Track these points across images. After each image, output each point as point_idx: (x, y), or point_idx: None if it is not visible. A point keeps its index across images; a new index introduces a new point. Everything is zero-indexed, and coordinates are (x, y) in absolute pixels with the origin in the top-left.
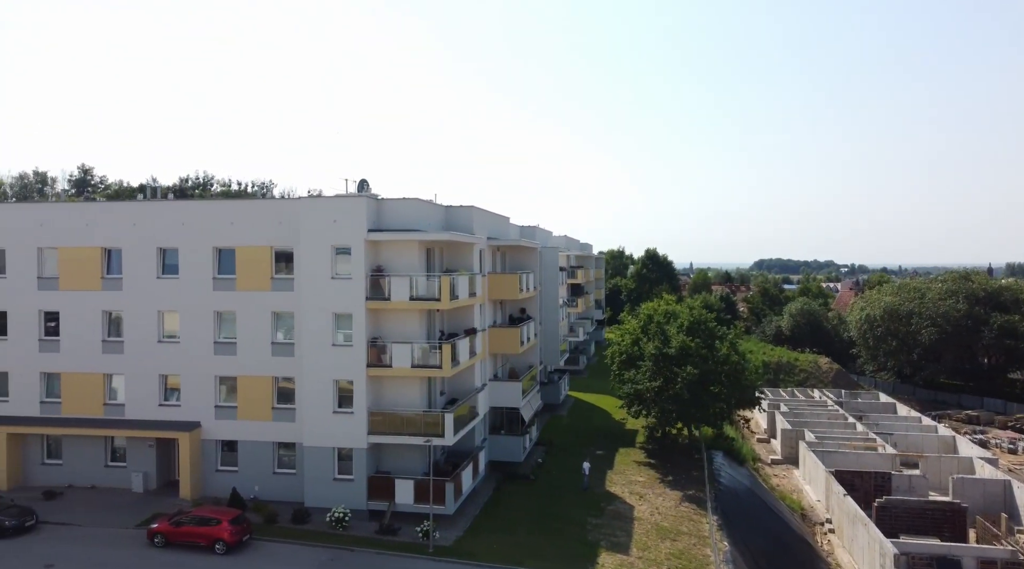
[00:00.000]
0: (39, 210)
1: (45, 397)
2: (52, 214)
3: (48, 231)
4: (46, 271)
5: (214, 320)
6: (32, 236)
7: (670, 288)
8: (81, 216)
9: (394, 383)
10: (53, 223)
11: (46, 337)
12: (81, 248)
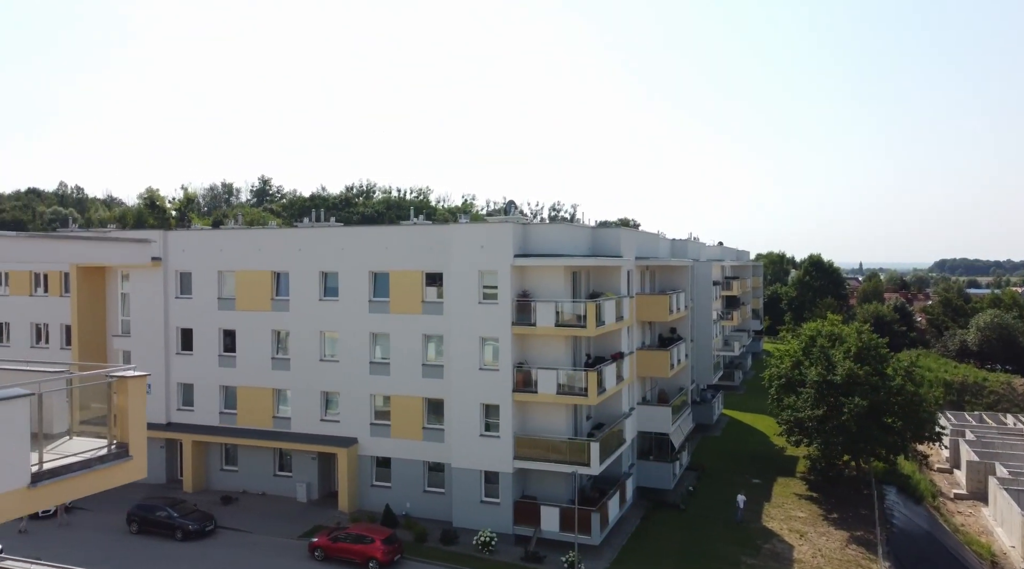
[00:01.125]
0: (219, 237)
1: (224, 408)
2: (230, 240)
3: (227, 256)
4: (225, 292)
5: (369, 341)
6: (214, 260)
7: (835, 298)
8: (254, 242)
9: (539, 408)
10: (231, 248)
11: (224, 353)
12: (254, 271)
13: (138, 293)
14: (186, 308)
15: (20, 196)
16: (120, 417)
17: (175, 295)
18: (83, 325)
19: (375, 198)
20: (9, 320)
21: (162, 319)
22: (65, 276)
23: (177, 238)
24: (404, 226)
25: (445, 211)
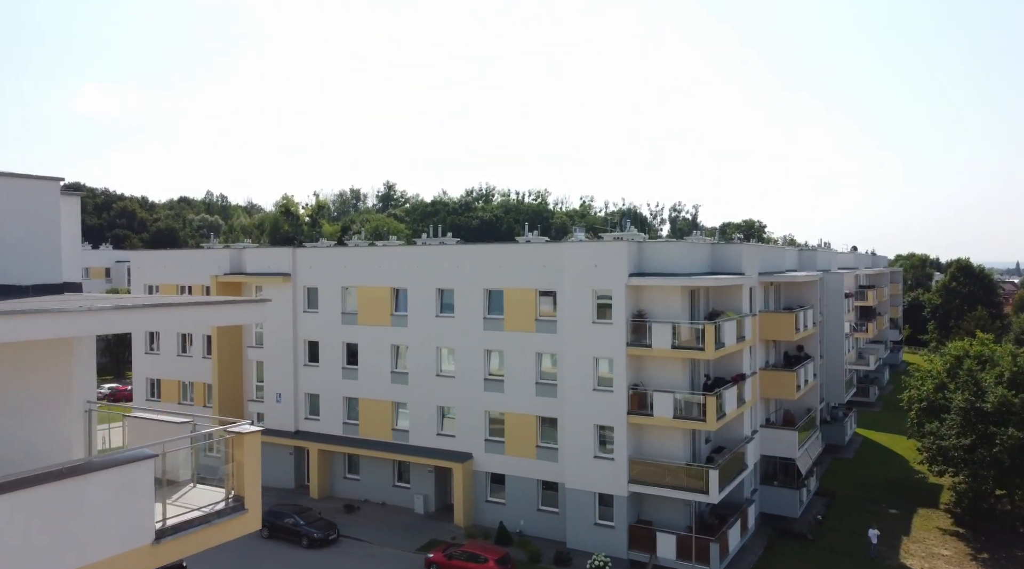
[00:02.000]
0: (343, 254)
1: (347, 419)
2: (353, 258)
3: (350, 272)
4: (348, 307)
5: (484, 358)
6: (338, 277)
7: (987, 306)
8: (375, 259)
9: (655, 431)
10: (354, 265)
11: (348, 366)
12: (375, 287)
13: (270, 307)
14: (313, 322)
15: (173, 205)
16: (237, 471)
17: (303, 309)
18: (221, 336)
19: (494, 202)
20: (159, 331)
21: (291, 332)
22: (207, 289)
23: (305, 255)
24: (518, 245)
25: (563, 215)
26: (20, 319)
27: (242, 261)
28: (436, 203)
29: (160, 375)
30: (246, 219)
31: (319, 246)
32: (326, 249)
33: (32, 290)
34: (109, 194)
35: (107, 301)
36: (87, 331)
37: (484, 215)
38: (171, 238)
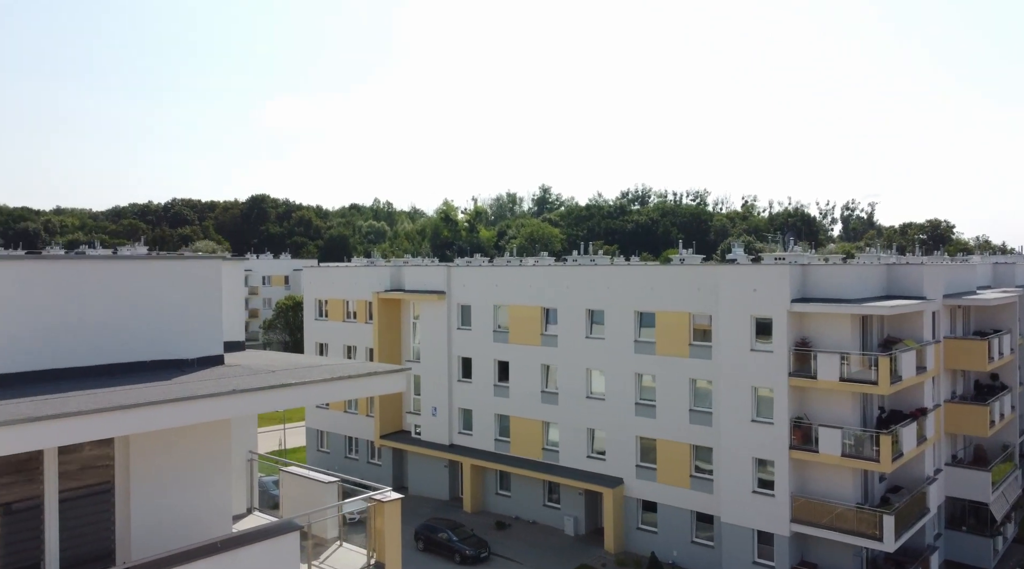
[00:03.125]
0: (494, 273)
1: (498, 435)
2: (504, 277)
3: (501, 291)
4: (499, 325)
5: (635, 382)
6: (490, 295)
7: None
8: (525, 278)
9: (822, 469)
10: (505, 284)
11: (499, 383)
12: (525, 306)
13: (426, 323)
14: (466, 338)
15: (344, 212)
16: (378, 537)
17: (456, 326)
18: (383, 349)
19: (650, 204)
20: (328, 341)
21: (446, 347)
22: (369, 304)
23: (458, 274)
24: (671, 266)
25: (723, 217)
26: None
27: (401, 278)
28: (591, 207)
29: None
30: (409, 225)
31: (472, 265)
32: (479, 268)
33: (197, 363)
34: (290, 204)
35: (257, 380)
36: (237, 412)
37: (639, 219)
38: (342, 245)
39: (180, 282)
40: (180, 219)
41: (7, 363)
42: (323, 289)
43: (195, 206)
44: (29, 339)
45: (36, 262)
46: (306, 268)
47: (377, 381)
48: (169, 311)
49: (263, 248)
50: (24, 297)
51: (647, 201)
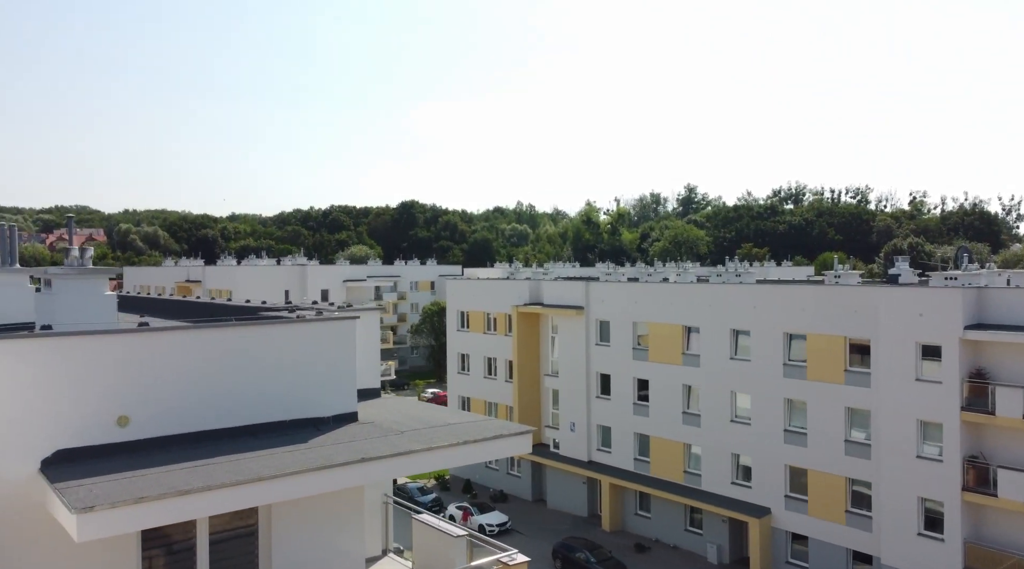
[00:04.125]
0: (634, 290)
1: (638, 455)
2: (643, 293)
3: (641, 308)
4: (638, 342)
5: (784, 407)
6: (629, 311)
7: None
8: (665, 296)
9: (1001, 515)
10: (645, 301)
11: (638, 401)
12: (666, 324)
13: (564, 337)
14: (604, 354)
15: (488, 215)
16: None
17: (595, 342)
18: (522, 362)
19: (804, 203)
20: (469, 352)
21: (584, 363)
22: (508, 317)
23: (597, 289)
24: (824, 286)
25: (887, 216)
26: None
27: (540, 292)
28: (739, 207)
29: (470, 394)
30: (551, 228)
31: (611, 279)
32: (617, 284)
33: (332, 420)
34: (436, 209)
35: (386, 445)
36: (367, 480)
37: (792, 219)
38: (485, 248)
39: (318, 342)
40: (337, 225)
41: (163, 426)
42: (465, 301)
43: (351, 212)
44: (183, 403)
45: (188, 331)
46: (449, 281)
47: (502, 444)
48: (307, 371)
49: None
50: (177, 363)
51: (801, 200)
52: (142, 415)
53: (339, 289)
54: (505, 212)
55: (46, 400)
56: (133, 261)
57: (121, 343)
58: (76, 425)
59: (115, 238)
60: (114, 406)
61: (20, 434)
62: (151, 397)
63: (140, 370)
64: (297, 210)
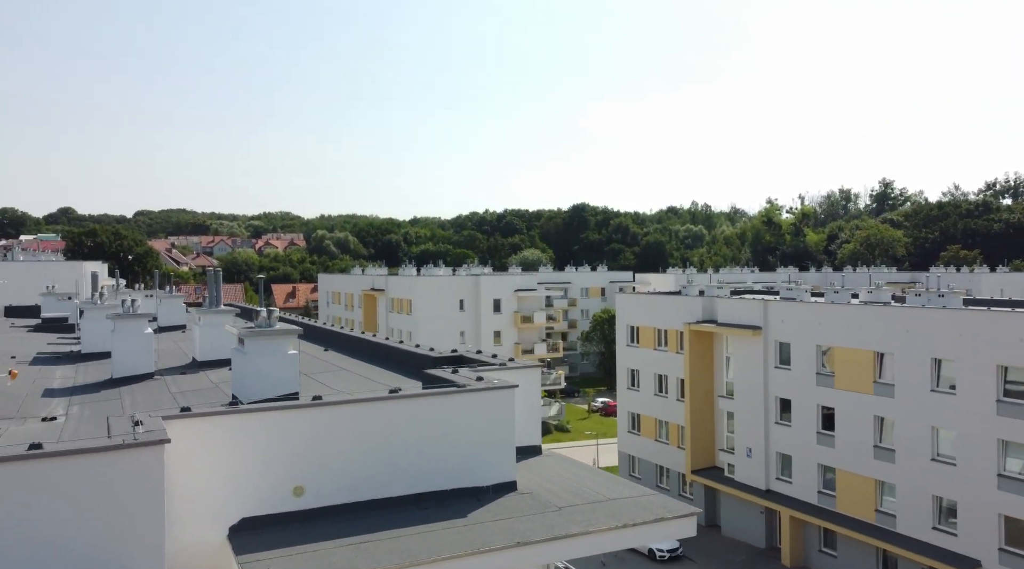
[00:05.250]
0: (818, 311)
1: (822, 488)
2: (829, 315)
3: (826, 330)
4: (823, 367)
5: (998, 449)
6: (812, 334)
7: None
8: (854, 318)
9: None
10: (830, 323)
11: (823, 430)
12: (854, 350)
13: (740, 358)
14: (784, 378)
15: (661, 216)
16: None
17: (774, 364)
18: (694, 381)
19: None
20: (639, 368)
21: (761, 386)
22: (680, 335)
23: (776, 309)
24: None
25: None
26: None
27: (714, 309)
28: (944, 204)
29: (640, 410)
30: (728, 228)
31: (792, 293)
32: (800, 304)
33: (492, 490)
34: (608, 211)
35: (543, 526)
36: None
37: (1010, 217)
38: (658, 251)
39: (478, 412)
40: (511, 229)
41: (333, 495)
42: (634, 316)
43: (523, 216)
44: (352, 473)
45: (359, 405)
46: (618, 296)
47: (665, 527)
48: (468, 440)
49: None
50: (348, 435)
51: (1021, 194)
52: (315, 485)
53: (510, 299)
54: (679, 212)
55: (235, 470)
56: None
57: (300, 417)
58: (259, 494)
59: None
60: (292, 476)
61: (213, 502)
62: (323, 468)
63: (315, 442)
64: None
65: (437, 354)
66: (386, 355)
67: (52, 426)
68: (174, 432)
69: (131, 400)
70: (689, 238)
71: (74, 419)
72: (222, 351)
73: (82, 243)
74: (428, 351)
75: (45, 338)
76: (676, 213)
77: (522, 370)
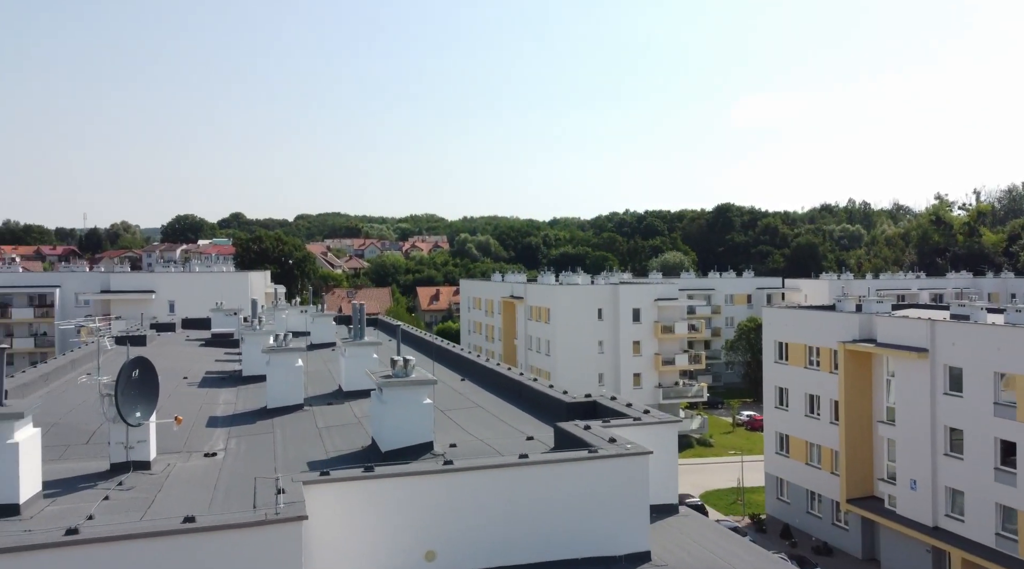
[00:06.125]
0: (997, 333)
1: (1001, 529)
2: (1010, 338)
3: (1005, 356)
4: (1002, 397)
5: None
6: (989, 359)
7: None
8: None
9: None
10: (1012, 347)
11: (1001, 466)
12: None
13: (903, 382)
14: (955, 407)
15: (814, 215)
16: None
17: (942, 390)
18: (849, 404)
19: None
20: (788, 387)
21: (928, 414)
22: (834, 354)
23: (946, 330)
24: None
25: None
26: None
27: (872, 327)
28: None
29: (788, 431)
30: (890, 228)
31: (965, 313)
32: (974, 326)
33: (624, 560)
34: (755, 211)
35: None
36: None
37: None
38: (810, 253)
39: (611, 478)
40: (651, 230)
41: (463, 562)
42: (783, 331)
43: (665, 217)
44: (483, 539)
45: (490, 471)
46: (764, 309)
47: None
48: (599, 506)
49: (727, 258)
50: (480, 500)
51: None
52: (445, 549)
53: (650, 308)
54: (834, 210)
55: (370, 533)
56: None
57: (432, 482)
58: (392, 559)
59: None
60: (423, 540)
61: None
62: (453, 532)
63: (446, 506)
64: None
65: (570, 399)
66: (520, 393)
67: (212, 463)
68: (313, 496)
69: (281, 435)
70: (845, 239)
71: (231, 455)
72: (365, 382)
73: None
74: (561, 394)
75: (213, 353)
76: (831, 211)
77: (659, 426)
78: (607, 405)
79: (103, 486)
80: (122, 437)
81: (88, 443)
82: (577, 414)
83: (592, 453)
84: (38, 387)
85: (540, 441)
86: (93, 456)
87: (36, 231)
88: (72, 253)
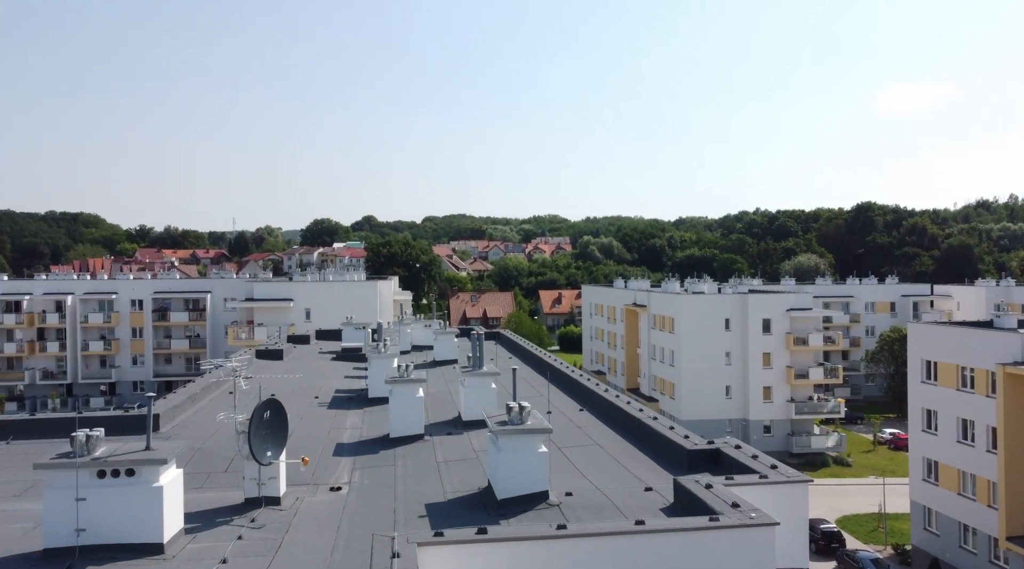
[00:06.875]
0: None
1: None
2: None
3: None
4: None
5: None
6: None
7: None
8: None
9: None
10: None
11: None
12: None
13: None
14: None
15: (969, 213)
16: None
17: None
18: (1010, 432)
19: None
20: (937, 409)
21: None
22: (991, 376)
23: None
24: None
25: None
26: None
27: None
28: None
29: (937, 457)
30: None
31: None
32: None
33: None
34: (899, 210)
35: None
36: None
37: None
38: (964, 255)
39: (733, 548)
40: (784, 231)
41: None
42: (930, 349)
43: (798, 217)
44: None
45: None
46: (910, 325)
47: None
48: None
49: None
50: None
51: None
52: None
53: (781, 319)
54: (992, 207)
55: None
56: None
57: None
58: None
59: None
60: None
61: None
62: None
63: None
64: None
65: (692, 445)
66: (639, 432)
67: (336, 498)
68: (427, 559)
69: (403, 469)
70: (1005, 239)
71: (355, 491)
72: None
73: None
74: (683, 439)
75: (343, 368)
76: (988, 208)
77: (788, 485)
78: (732, 455)
79: (237, 522)
80: (255, 474)
81: (226, 471)
82: (699, 462)
83: (713, 521)
84: (186, 408)
85: (659, 493)
86: (230, 486)
87: (192, 236)
88: (222, 256)
